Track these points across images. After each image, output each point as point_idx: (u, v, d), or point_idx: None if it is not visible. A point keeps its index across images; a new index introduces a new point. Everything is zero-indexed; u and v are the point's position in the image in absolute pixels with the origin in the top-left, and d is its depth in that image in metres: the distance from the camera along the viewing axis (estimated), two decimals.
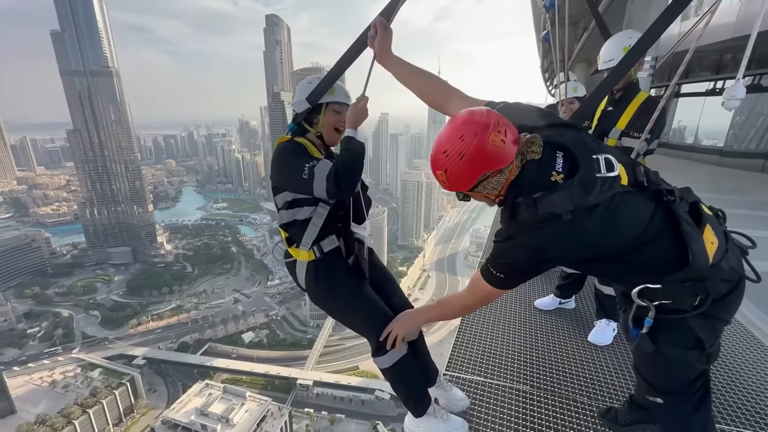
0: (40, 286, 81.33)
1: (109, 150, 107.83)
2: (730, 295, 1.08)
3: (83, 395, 51.29)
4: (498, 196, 1.13)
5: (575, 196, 1.00)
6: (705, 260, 1.03)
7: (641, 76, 4.97)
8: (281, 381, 57.44)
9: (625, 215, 1.04)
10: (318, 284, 1.67)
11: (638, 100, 2.14)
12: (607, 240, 1.05)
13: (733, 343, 2.52)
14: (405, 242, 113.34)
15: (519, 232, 1.09)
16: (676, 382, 1.26)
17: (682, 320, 1.11)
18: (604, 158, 1.05)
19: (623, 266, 1.13)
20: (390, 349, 1.60)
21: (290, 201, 1.62)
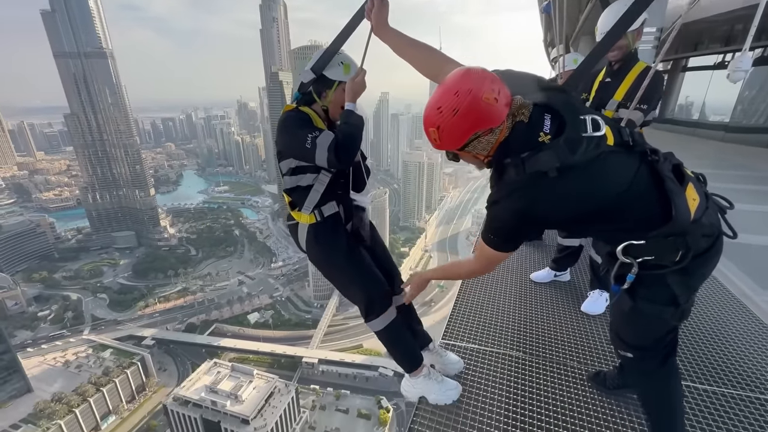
0: (47, 270, 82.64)
1: (108, 134, 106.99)
2: (709, 251, 1.12)
3: (96, 374, 53.04)
4: (487, 157, 1.15)
5: (561, 155, 1.02)
6: (687, 215, 1.07)
7: (645, 48, 4.87)
8: (287, 359, 59.05)
9: (610, 173, 1.07)
10: (317, 246, 1.77)
11: (636, 70, 2.11)
12: (594, 197, 1.08)
13: (721, 310, 2.58)
14: (407, 223, 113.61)
15: (507, 193, 1.12)
16: (650, 338, 1.30)
17: (661, 277, 1.14)
18: (591, 119, 1.08)
19: (610, 225, 1.16)
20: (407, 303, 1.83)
21: (294, 168, 1.68)
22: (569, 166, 1.03)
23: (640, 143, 1.13)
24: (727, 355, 2.18)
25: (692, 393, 1.89)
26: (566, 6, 2.74)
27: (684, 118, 13.72)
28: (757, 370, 2.05)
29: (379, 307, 1.76)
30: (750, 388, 1.93)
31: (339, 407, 51.25)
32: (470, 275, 1.51)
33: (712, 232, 1.11)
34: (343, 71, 1.67)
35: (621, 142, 1.10)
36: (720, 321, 2.49)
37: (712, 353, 2.19)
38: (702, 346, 2.25)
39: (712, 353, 2.19)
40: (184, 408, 44.35)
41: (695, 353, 2.18)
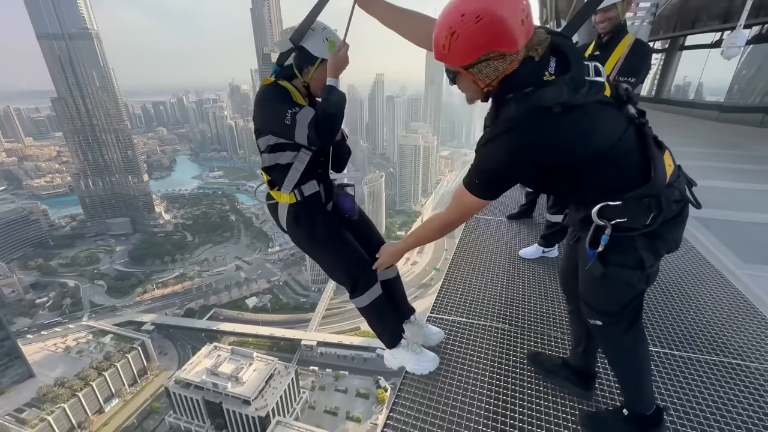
0: (43, 257, 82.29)
1: (98, 118, 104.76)
2: (678, 218, 1.17)
3: (97, 359, 53.69)
4: (487, 87, 1.10)
5: (565, 92, 1.00)
6: (663, 178, 1.12)
7: (640, 24, 4.81)
8: (286, 342, 59.95)
9: (603, 124, 1.07)
10: (298, 226, 1.75)
11: (625, 42, 2.08)
12: (589, 142, 1.07)
13: (703, 282, 2.64)
14: (403, 207, 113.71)
15: (505, 130, 1.07)
16: (617, 303, 1.32)
17: (630, 240, 1.17)
18: (594, 65, 1.10)
19: (594, 180, 1.17)
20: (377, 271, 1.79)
21: (273, 145, 1.64)
22: (572, 105, 1.00)
23: (634, 102, 1.15)
24: (706, 324, 2.25)
25: (669, 359, 1.95)
26: None
27: (680, 98, 13.65)
28: (733, 339, 2.12)
29: (363, 284, 1.76)
30: (724, 354, 2.01)
31: (338, 387, 52.49)
32: (444, 229, 1.43)
33: (682, 199, 1.16)
34: (328, 48, 1.62)
35: (616, 95, 1.12)
36: (701, 293, 2.56)
37: (692, 323, 2.26)
38: (683, 316, 2.32)
39: (692, 323, 2.26)
40: (186, 390, 45.24)
41: (676, 323, 2.25)
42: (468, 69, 1.07)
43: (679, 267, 2.91)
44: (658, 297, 2.52)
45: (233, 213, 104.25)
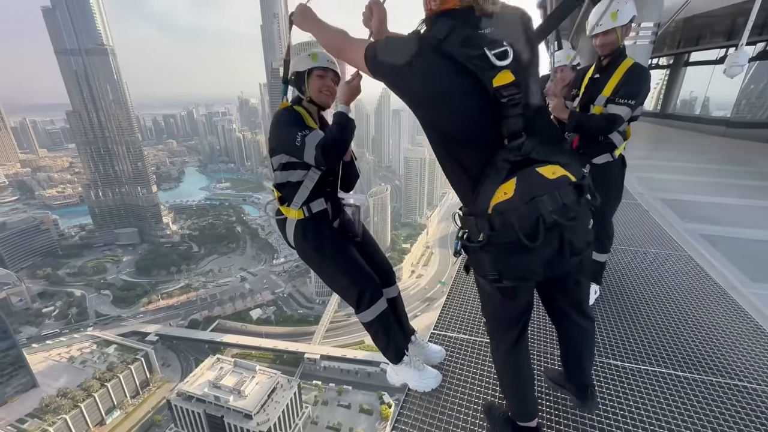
0: (51, 267, 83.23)
1: (110, 131, 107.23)
2: (514, 247, 1.09)
3: (101, 370, 53.59)
4: (430, 11, 1.16)
5: (450, 35, 1.05)
6: (484, 203, 1.11)
7: (642, 44, 4.87)
8: (289, 355, 59.43)
9: (465, 96, 1.07)
10: (305, 241, 1.82)
11: (624, 66, 2.14)
12: (438, 91, 1.09)
13: (708, 301, 2.62)
14: (408, 220, 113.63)
15: (411, 34, 1.17)
16: (486, 310, 1.42)
17: (475, 251, 1.19)
18: (506, 50, 1.06)
19: (453, 180, 1.22)
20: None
21: (284, 163, 1.75)
22: (445, 51, 1.04)
23: (513, 114, 1.08)
24: (710, 344, 2.22)
25: (672, 380, 1.93)
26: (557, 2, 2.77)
27: (686, 113, 13.66)
28: (737, 359, 2.09)
29: (368, 300, 1.80)
30: (729, 375, 1.98)
31: (341, 402, 51.65)
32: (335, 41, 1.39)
33: (510, 235, 1.08)
34: (311, 59, 1.76)
35: (498, 93, 1.05)
36: (705, 311, 2.54)
37: (695, 342, 2.24)
38: (685, 335, 2.30)
39: (695, 342, 2.24)
40: (188, 403, 44.79)
41: (678, 342, 2.23)
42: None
43: (682, 284, 2.89)
44: (660, 315, 2.50)
45: (239, 224, 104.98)
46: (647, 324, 2.40)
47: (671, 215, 4.54)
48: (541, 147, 1.14)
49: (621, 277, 3.01)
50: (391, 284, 2.05)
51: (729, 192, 5.46)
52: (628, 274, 3.05)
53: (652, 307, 2.59)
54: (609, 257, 2.61)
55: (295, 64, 1.82)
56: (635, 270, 3.13)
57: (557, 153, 1.16)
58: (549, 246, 1.11)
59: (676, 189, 5.68)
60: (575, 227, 1.12)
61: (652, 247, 3.56)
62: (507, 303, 1.30)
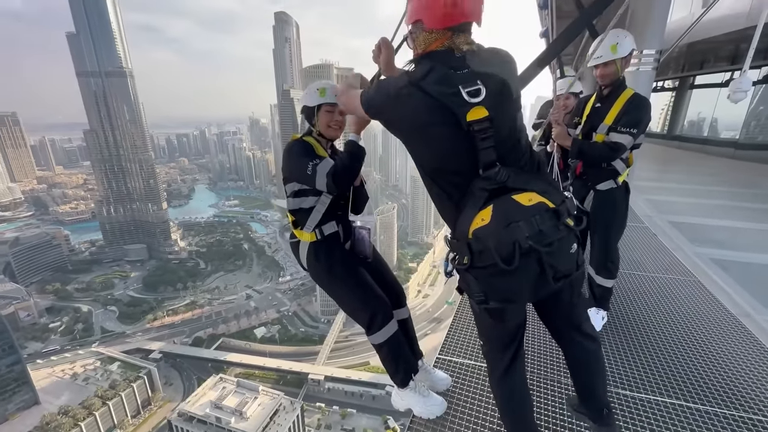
0: (60, 282, 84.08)
1: (124, 149, 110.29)
2: (489, 271, 1.16)
3: (103, 388, 53.07)
4: (415, 53, 1.29)
5: (423, 74, 1.17)
6: (464, 229, 1.19)
7: (645, 70, 4.96)
8: (293, 376, 58.37)
9: (442, 133, 1.18)
10: (317, 263, 1.87)
11: (625, 96, 2.21)
12: (414, 124, 1.20)
13: (719, 329, 2.56)
14: (415, 238, 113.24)
15: (398, 76, 1.26)
16: (481, 331, 1.45)
17: (463, 272, 1.24)
18: (478, 89, 1.16)
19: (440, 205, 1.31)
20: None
21: (297, 191, 1.84)
22: (424, 89, 1.15)
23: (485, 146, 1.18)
24: (721, 374, 2.16)
25: (680, 412, 1.88)
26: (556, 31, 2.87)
27: (694, 134, 13.64)
28: (752, 391, 2.03)
29: (380, 321, 1.81)
30: (743, 407, 1.91)
31: (345, 427, 50.22)
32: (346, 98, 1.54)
33: (497, 256, 1.12)
34: (319, 95, 1.84)
35: (471, 128, 1.16)
36: (716, 339, 2.47)
37: (705, 372, 2.17)
38: (695, 364, 2.24)
39: (705, 372, 2.17)
40: (189, 424, 43.89)
41: (688, 371, 2.17)
42: (411, 34, 1.29)
43: (693, 311, 2.83)
44: (670, 343, 2.44)
45: (246, 241, 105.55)
46: (657, 352, 2.35)
47: (681, 239, 4.49)
48: (517, 176, 1.21)
49: (629, 303, 2.97)
50: (401, 305, 2.05)
51: (740, 215, 5.39)
52: (637, 300, 3.00)
53: (661, 334, 2.54)
54: (616, 282, 2.59)
55: (304, 97, 1.89)
56: (644, 296, 3.08)
57: (534, 181, 1.23)
58: (528, 270, 1.15)
59: (685, 211, 5.63)
60: (553, 252, 1.15)
61: (661, 272, 3.51)
62: (496, 324, 1.33)
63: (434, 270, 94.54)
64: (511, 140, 1.25)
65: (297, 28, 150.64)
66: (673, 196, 6.57)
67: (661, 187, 7.17)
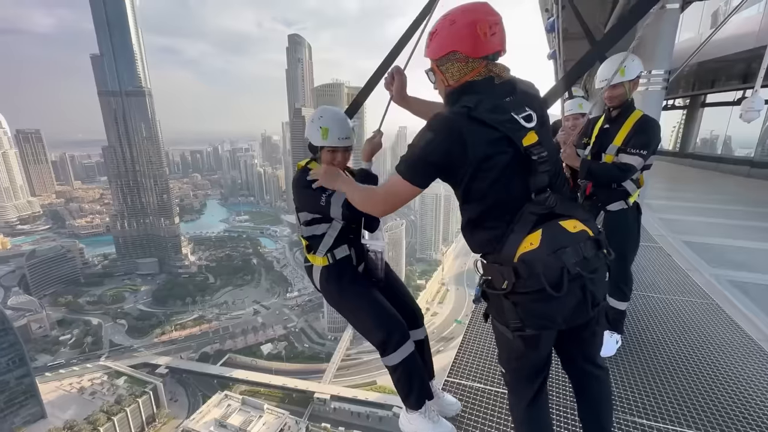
0: (72, 294, 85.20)
1: (140, 165, 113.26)
2: (540, 296, 1.13)
3: (109, 402, 52.81)
4: (449, 86, 1.27)
5: (474, 102, 1.15)
6: (510, 252, 1.16)
7: (654, 90, 4.97)
8: (299, 394, 57.32)
9: (497, 160, 1.15)
10: (330, 286, 1.89)
11: (633, 117, 2.22)
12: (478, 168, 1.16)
13: (741, 356, 2.46)
14: (423, 255, 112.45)
15: (437, 114, 1.22)
16: (503, 356, 1.40)
17: (498, 298, 1.23)
18: (530, 114, 1.18)
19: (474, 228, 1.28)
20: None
21: (309, 220, 1.88)
22: (478, 118, 1.13)
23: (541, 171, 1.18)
24: (742, 403, 2.06)
25: None
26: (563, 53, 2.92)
27: (707, 152, 13.47)
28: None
29: (395, 342, 1.77)
30: None
31: None
32: (368, 201, 1.43)
33: (536, 282, 1.12)
34: (321, 135, 1.79)
35: (529, 151, 1.16)
36: (736, 366, 2.37)
37: (725, 401, 2.08)
38: (714, 392, 2.14)
39: (725, 401, 2.08)
40: None
41: (706, 399, 2.08)
42: (440, 66, 1.26)
43: (709, 335, 2.73)
44: (687, 368, 2.35)
45: (255, 256, 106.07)
46: (672, 378, 2.26)
47: (697, 260, 4.38)
48: (562, 202, 1.23)
49: (643, 325, 2.88)
50: (418, 326, 2.02)
51: (759, 235, 5.25)
52: (651, 323, 2.92)
53: (677, 359, 2.45)
54: (630, 305, 2.53)
55: (308, 128, 1.85)
56: (659, 318, 2.99)
57: (576, 209, 1.25)
58: (572, 296, 1.15)
59: (700, 231, 5.51)
60: (595, 279, 1.17)
61: (677, 294, 3.41)
62: (529, 352, 1.30)
63: (443, 287, 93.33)
64: (556, 166, 1.25)
65: (309, 49, 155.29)
66: (688, 215, 6.45)
67: (675, 206, 7.05)
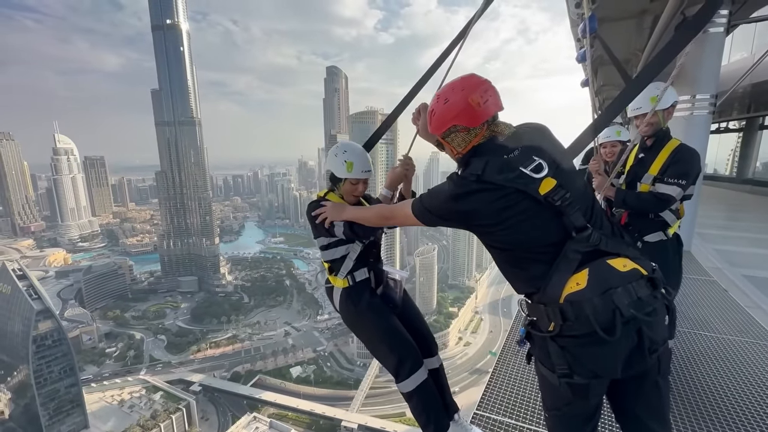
0: (120, 309, 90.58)
1: (187, 188, 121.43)
2: (590, 339, 1.07)
3: (145, 417, 54.53)
4: (458, 153, 1.32)
5: (481, 167, 1.16)
6: (555, 293, 1.11)
7: (699, 114, 4.75)
8: (326, 421, 56.23)
9: (518, 214, 1.15)
10: (348, 308, 1.94)
11: (670, 147, 2.15)
12: (496, 223, 1.17)
13: None
14: (456, 281, 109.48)
15: (452, 180, 1.25)
16: (548, 401, 1.33)
17: (543, 340, 1.17)
18: (540, 164, 1.16)
19: (509, 266, 1.27)
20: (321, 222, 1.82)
21: (326, 244, 1.96)
22: (487, 181, 1.14)
23: (571, 212, 1.15)
24: None
25: None
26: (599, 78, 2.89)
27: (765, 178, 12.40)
28: None
29: (408, 369, 1.80)
30: None
31: None
32: (380, 219, 1.63)
33: (585, 326, 1.06)
34: (347, 169, 1.89)
35: (550, 198, 1.13)
36: None
37: None
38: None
39: None
40: None
41: None
42: (444, 138, 1.32)
43: None
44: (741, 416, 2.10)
45: (288, 278, 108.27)
46: (727, 427, 2.05)
47: (758, 295, 3.98)
48: (608, 239, 1.17)
49: (692, 367, 2.63)
50: (432, 354, 2.03)
51: None
52: (702, 365, 2.66)
53: (732, 405, 2.21)
54: (677, 343, 2.34)
55: (330, 161, 1.93)
56: (711, 360, 2.72)
57: (625, 246, 1.18)
58: (627, 341, 1.06)
59: (763, 264, 5.02)
60: (652, 322, 1.08)
61: (734, 334, 3.10)
62: (577, 401, 1.20)
63: (476, 316, 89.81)
64: (587, 202, 1.22)
65: (346, 79, 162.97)
66: (748, 247, 5.92)
67: (733, 236, 6.50)
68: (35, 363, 56.89)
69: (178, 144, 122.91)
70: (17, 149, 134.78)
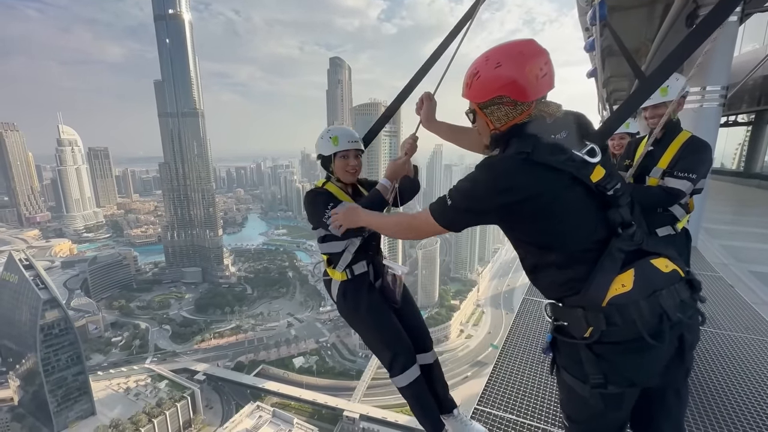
0: (125, 299, 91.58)
1: (191, 180, 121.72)
2: (630, 346, 1.01)
3: (150, 404, 55.45)
4: (495, 129, 1.15)
5: (532, 145, 1.02)
6: (598, 296, 1.02)
7: (710, 107, 4.64)
8: (328, 411, 57.00)
9: (565, 201, 1.04)
10: (345, 301, 1.93)
11: (680, 139, 2.09)
12: (544, 213, 1.05)
13: None
14: (458, 274, 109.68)
15: (482, 163, 1.10)
16: (573, 413, 1.23)
17: (574, 347, 1.09)
18: (592, 149, 1.06)
19: (541, 264, 1.14)
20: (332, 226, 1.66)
21: (323, 236, 1.92)
22: (540, 161, 1.01)
23: (619, 203, 1.07)
24: None
25: None
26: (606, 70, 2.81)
27: None
28: None
29: (402, 364, 1.81)
30: None
31: None
32: (397, 228, 1.39)
33: (630, 331, 0.99)
34: (332, 143, 1.85)
35: (601, 188, 1.05)
36: None
37: None
38: None
39: None
40: None
41: None
42: (483, 109, 1.14)
43: None
44: (748, 416, 2.07)
45: (291, 269, 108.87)
46: (733, 427, 2.02)
47: (765, 292, 3.93)
48: (649, 238, 1.10)
49: (698, 364, 2.59)
50: (426, 350, 2.02)
51: None
52: (708, 363, 2.62)
53: (739, 405, 2.18)
54: None
55: (319, 146, 1.90)
56: (717, 358, 2.69)
57: (663, 245, 1.12)
58: (670, 347, 1.01)
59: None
60: (692, 326, 1.04)
61: (740, 331, 3.06)
62: (608, 413, 1.11)
63: (478, 309, 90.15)
64: (629, 200, 1.12)
65: (349, 70, 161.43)
66: (755, 242, 5.84)
67: (740, 231, 6.42)
68: (43, 351, 57.88)
69: (181, 135, 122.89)
70: (22, 140, 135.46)
